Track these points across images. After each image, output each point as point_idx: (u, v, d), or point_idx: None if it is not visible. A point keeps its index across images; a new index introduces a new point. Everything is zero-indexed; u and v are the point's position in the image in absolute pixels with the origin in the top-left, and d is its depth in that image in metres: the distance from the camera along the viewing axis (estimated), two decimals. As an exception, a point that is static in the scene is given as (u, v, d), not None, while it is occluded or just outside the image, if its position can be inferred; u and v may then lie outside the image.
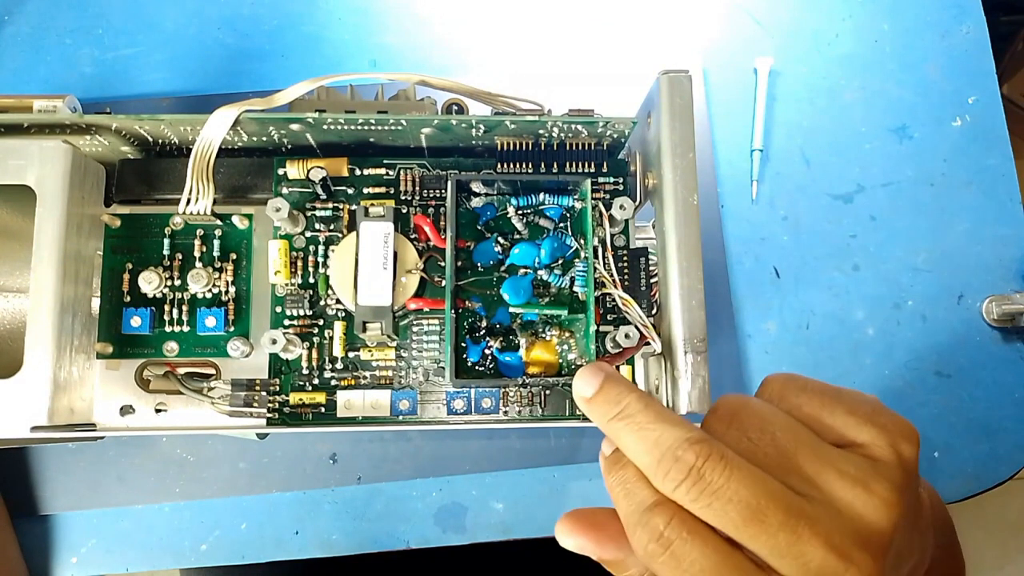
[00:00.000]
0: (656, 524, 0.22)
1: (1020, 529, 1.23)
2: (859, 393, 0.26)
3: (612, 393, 0.25)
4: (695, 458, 0.22)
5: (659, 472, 0.23)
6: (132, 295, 0.37)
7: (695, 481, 0.22)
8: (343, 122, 0.35)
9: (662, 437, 0.23)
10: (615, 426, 0.24)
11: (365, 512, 0.49)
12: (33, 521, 0.48)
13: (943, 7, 0.55)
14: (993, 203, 0.53)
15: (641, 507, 0.23)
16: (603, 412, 0.25)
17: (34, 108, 0.35)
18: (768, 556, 0.22)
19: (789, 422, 0.24)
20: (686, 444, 0.22)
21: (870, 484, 0.23)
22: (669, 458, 0.22)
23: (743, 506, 0.21)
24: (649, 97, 0.34)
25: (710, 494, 0.22)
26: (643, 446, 0.23)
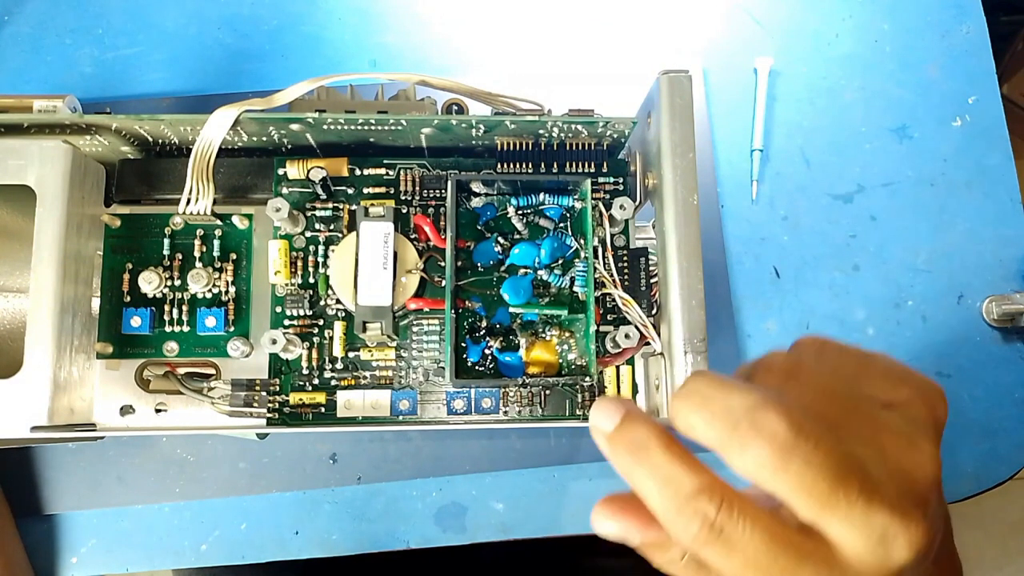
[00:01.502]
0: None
1: (1020, 529, 1.23)
2: (888, 356, 0.26)
3: (632, 431, 0.24)
4: (717, 504, 0.22)
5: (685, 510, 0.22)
6: (132, 295, 0.37)
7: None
8: (343, 122, 0.35)
9: (683, 481, 0.22)
10: (633, 465, 0.23)
11: (365, 512, 0.49)
12: (33, 521, 0.48)
13: (943, 7, 0.55)
14: (993, 203, 0.53)
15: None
16: (622, 449, 0.24)
17: (34, 108, 0.35)
18: (831, 526, 0.21)
19: (845, 384, 0.24)
20: (707, 490, 0.22)
21: (917, 441, 0.23)
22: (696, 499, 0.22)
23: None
24: (649, 97, 0.34)
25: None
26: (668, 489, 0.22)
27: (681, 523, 0.22)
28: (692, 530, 0.21)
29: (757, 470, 0.21)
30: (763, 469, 0.21)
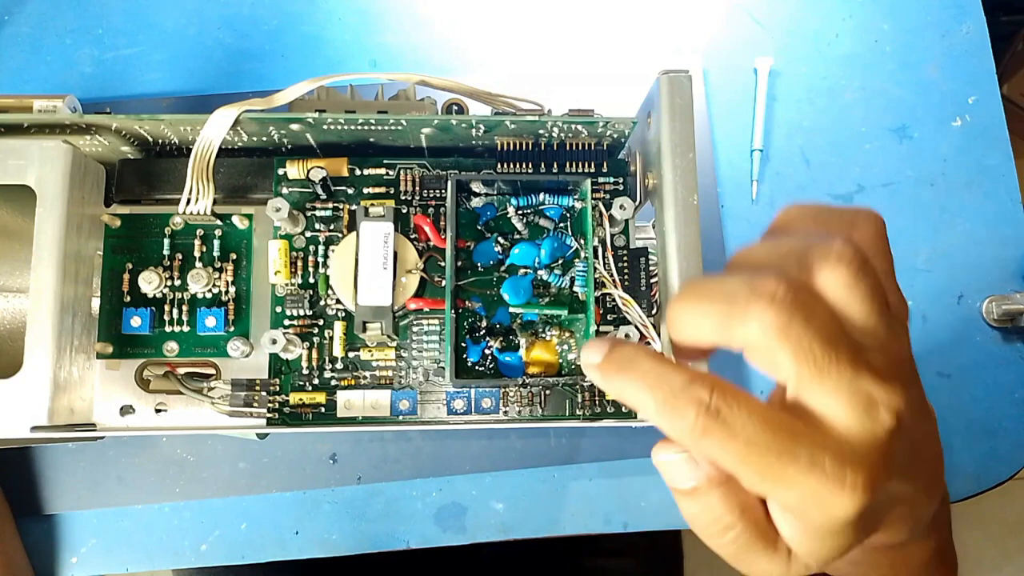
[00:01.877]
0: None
1: (1020, 529, 1.23)
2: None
3: (620, 351, 0.24)
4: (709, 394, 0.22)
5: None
6: (132, 295, 0.37)
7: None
8: (343, 122, 0.35)
9: (674, 377, 0.23)
10: (625, 381, 0.24)
11: (365, 512, 0.49)
12: (33, 521, 0.48)
13: (943, 7, 0.55)
14: (993, 203, 0.53)
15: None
16: (613, 369, 0.24)
17: (34, 108, 0.35)
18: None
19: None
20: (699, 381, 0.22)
21: (894, 326, 0.24)
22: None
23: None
24: (649, 97, 0.34)
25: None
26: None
27: (678, 415, 0.22)
28: (690, 418, 0.22)
29: (761, 335, 0.21)
30: (767, 332, 0.21)
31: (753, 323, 0.21)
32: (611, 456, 0.49)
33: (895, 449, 0.22)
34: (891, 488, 0.23)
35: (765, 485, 0.22)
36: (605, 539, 0.68)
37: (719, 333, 0.23)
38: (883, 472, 0.22)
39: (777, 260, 0.24)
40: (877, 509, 0.23)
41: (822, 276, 0.23)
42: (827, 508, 0.21)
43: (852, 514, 0.21)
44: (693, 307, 0.23)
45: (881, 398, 0.22)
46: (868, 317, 0.23)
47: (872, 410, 0.22)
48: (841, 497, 0.21)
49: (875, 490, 0.21)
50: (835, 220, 0.26)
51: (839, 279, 0.22)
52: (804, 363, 0.21)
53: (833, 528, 0.22)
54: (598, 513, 0.49)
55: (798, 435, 0.21)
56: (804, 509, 0.22)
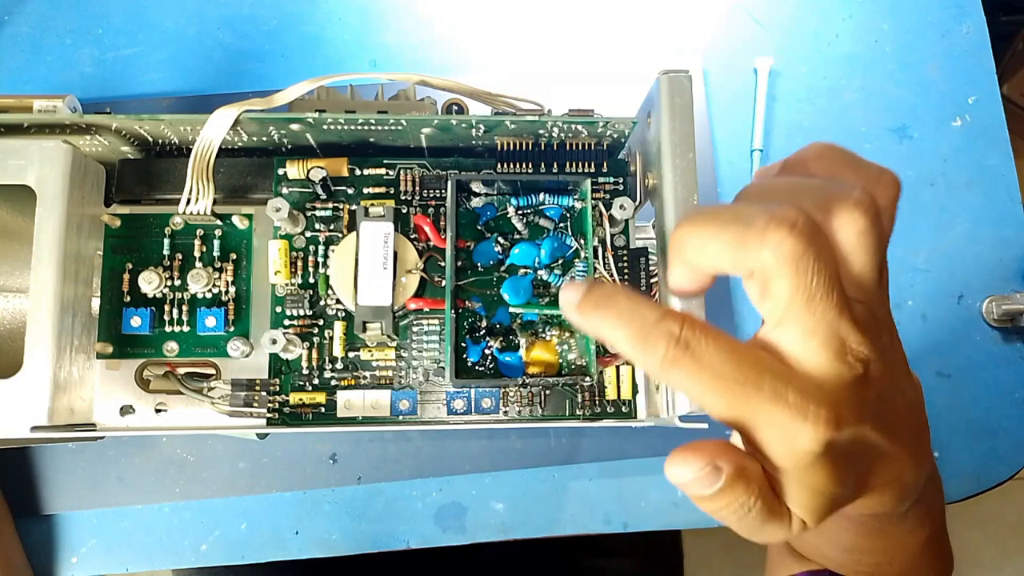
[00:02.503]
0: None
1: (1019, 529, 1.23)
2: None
3: (597, 289, 0.25)
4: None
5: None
6: (132, 295, 0.37)
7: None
8: (343, 122, 0.35)
9: (647, 312, 0.23)
10: (602, 318, 0.24)
11: (365, 512, 0.49)
12: (33, 521, 0.48)
13: (943, 7, 0.55)
14: (993, 203, 0.53)
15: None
16: (589, 307, 0.24)
17: (34, 108, 0.35)
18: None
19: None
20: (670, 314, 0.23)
21: (884, 298, 0.25)
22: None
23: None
24: (649, 97, 0.34)
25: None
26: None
27: (650, 347, 0.22)
28: (660, 350, 0.22)
29: (774, 260, 0.22)
30: (781, 258, 0.21)
31: (768, 248, 0.22)
32: (611, 456, 0.49)
33: (864, 397, 0.22)
34: (863, 436, 0.23)
35: (731, 415, 0.22)
36: (605, 539, 0.68)
37: (728, 255, 0.23)
38: (849, 413, 0.22)
39: (793, 196, 0.24)
40: (853, 458, 0.23)
41: (839, 218, 0.23)
42: (792, 440, 0.22)
43: (816, 447, 0.22)
44: (704, 229, 0.23)
45: (853, 346, 0.22)
46: (867, 268, 0.23)
47: (842, 354, 0.22)
48: (804, 427, 0.21)
49: (839, 427, 0.22)
50: (861, 171, 0.26)
51: (854, 225, 0.23)
52: (800, 295, 0.22)
53: (803, 464, 0.22)
54: (598, 513, 0.49)
55: (764, 368, 0.22)
56: (771, 443, 0.22)
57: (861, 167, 0.26)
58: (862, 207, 0.23)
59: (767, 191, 0.25)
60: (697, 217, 0.24)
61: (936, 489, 0.33)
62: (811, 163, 0.26)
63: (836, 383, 0.22)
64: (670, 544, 0.72)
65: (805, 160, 0.26)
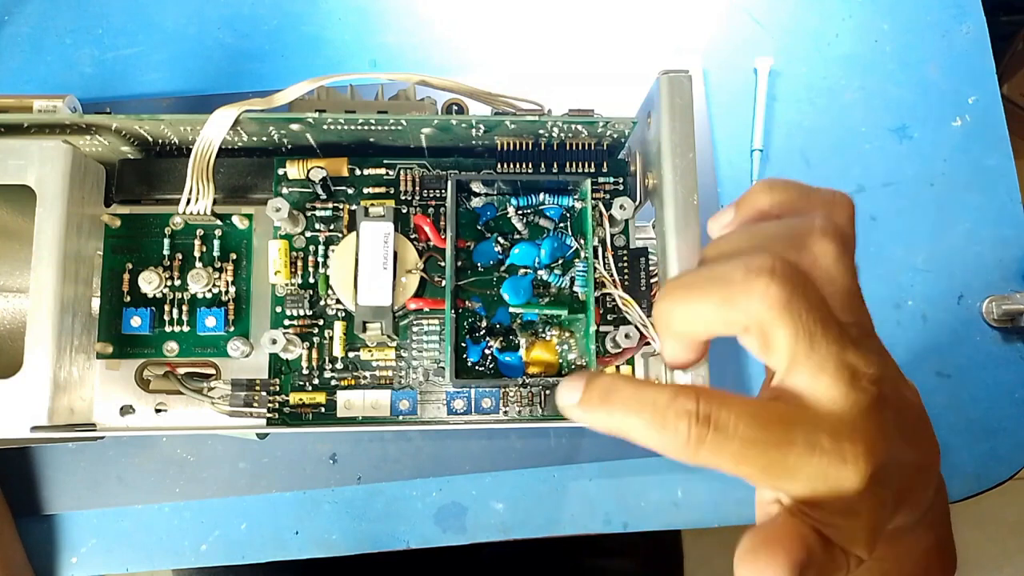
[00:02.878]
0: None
1: (1020, 529, 1.23)
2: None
3: (598, 383, 0.24)
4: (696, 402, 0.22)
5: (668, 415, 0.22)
6: (132, 295, 0.37)
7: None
8: (343, 122, 0.35)
9: (657, 396, 0.23)
10: (609, 413, 0.23)
11: (365, 512, 0.49)
12: (33, 521, 0.48)
13: (943, 7, 0.55)
14: (993, 203, 0.53)
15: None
16: (595, 403, 0.24)
17: (34, 108, 0.35)
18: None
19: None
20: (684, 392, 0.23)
21: (867, 311, 0.25)
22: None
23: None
24: (649, 97, 0.34)
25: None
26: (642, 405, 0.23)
27: (671, 431, 0.22)
28: (683, 431, 0.21)
29: (765, 312, 0.21)
30: (771, 307, 0.21)
31: (755, 299, 0.21)
32: (611, 456, 0.49)
33: (884, 417, 0.22)
34: (894, 455, 0.23)
35: (771, 479, 0.22)
36: (605, 539, 0.68)
37: (718, 317, 0.23)
38: (879, 440, 0.22)
39: (759, 243, 0.24)
40: (888, 480, 0.23)
41: (813, 252, 0.23)
42: (836, 486, 0.21)
43: (860, 485, 0.21)
44: (685, 298, 0.23)
45: (862, 369, 0.22)
46: (850, 289, 0.23)
47: (856, 382, 0.22)
48: (845, 470, 0.21)
49: (876, 458, 0.21)
50: (815, 199, 0.26)
51: (827, 253, 0.23)
52: (801, 338, 0.22)
53: (852, 503, 0.22)
54: (598, 513, 0.49)
55: (790, 422, 0.22)
56: (817, 496, 0.22)
57: (814, 195, 0.26)
58: (830, 234, 0.23)
59: (731, 245, 0.25)
60: (675, 289, 0.24)
61: (942, 492, 0.33)
62: (761, 202, 0.26)
63: (858, 413, 0.22)
64: (670, 544, 0.72)
65: (755, 202, 0.26)
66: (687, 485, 0.50)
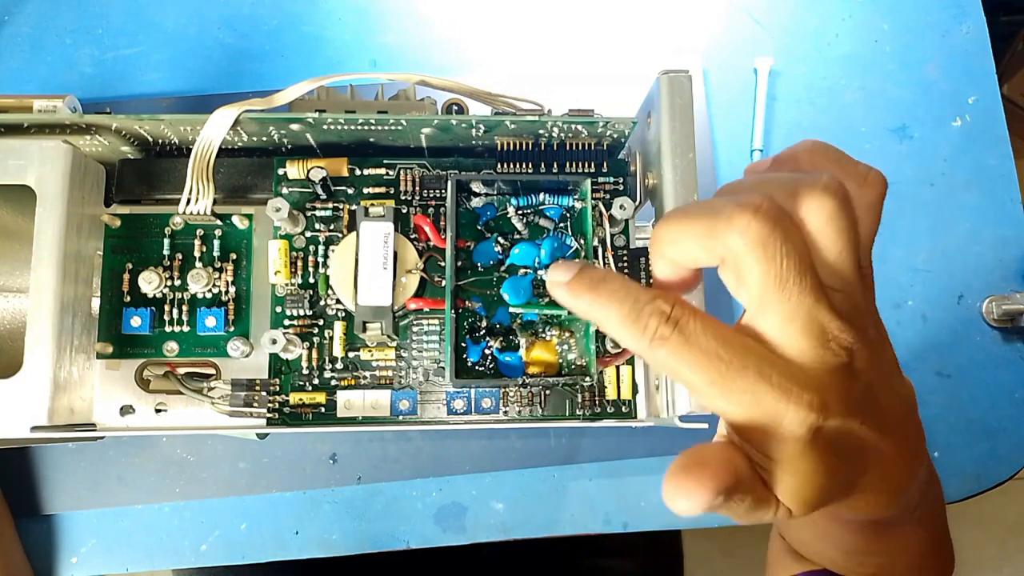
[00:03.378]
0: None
1: (1019, 529, 1.23)
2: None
3: (590, 271, 0.25)
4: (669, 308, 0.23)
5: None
6: (132, 295, 0.37)
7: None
8: (343, 122, 0.35)
9: (640, 294, 0.24)
10: (593, 299, 0.24)
11: (365, 512, 0.49)
12: (33, 521, 0.48)
13: (943, 7, 0.55)
14: (993, 203, 0.53)
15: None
16: (583, 287, 0.25)
17: (34, 108, 0.35)
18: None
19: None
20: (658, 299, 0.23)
21: (869, 297, 0.25)
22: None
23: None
24: (649, 97, 0.34)
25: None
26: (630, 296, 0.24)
27: (640, 326, 0.23)
28: (651, 328, 0.22)
29: (743, 246, 0.22)
30: (747, 241, 0.22)
31: (735, 232, 0.22)
32: (611, 456, 0.49)
33: (850, 387, 0.23)
34: (852, 429, 0.23)
35: (714, 395, 0.22)
36: (605, 539, 0.68)
37: (701, 246, 0.23)
38: (835, 402, 0.22)
39: (764, 187, 0.24)
40: (841, 452, 0.23)
41: (806, 204, 0.23)
42: (778, 422, 0.22)
43: (801, 430, 0.22)
44: (677, 223, 0.24)
45: (834, 333, 0.22)
46: (840, 255, 0.23)
47: (823, 340, 0.22)
48: (788, 408, 0.22)
49: (825, 413, 0.22)
50: (847, 167, 0.26)
51: (822, 209, 0.23)
52: (771, 278, 0.22)
53: (788, 448, 0.22)
54: (598, 513, 0.49)
55: (750, 350, 0.22)
56: (754, 423, 0.22)
57: (847, 164, 0.26)
58: (829, 191, 0.23)
59: (739, 185, 0.25)
60: (672, 212, 0.24)
61: (936, 490, 0.33)
62: (799, 158, 0.26)
63: (820, 369, 0.22)
64: (670, 544, 0.72)
65: (795, 155, 0.27)
66: (687, 485, 0.50)
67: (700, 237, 0.23)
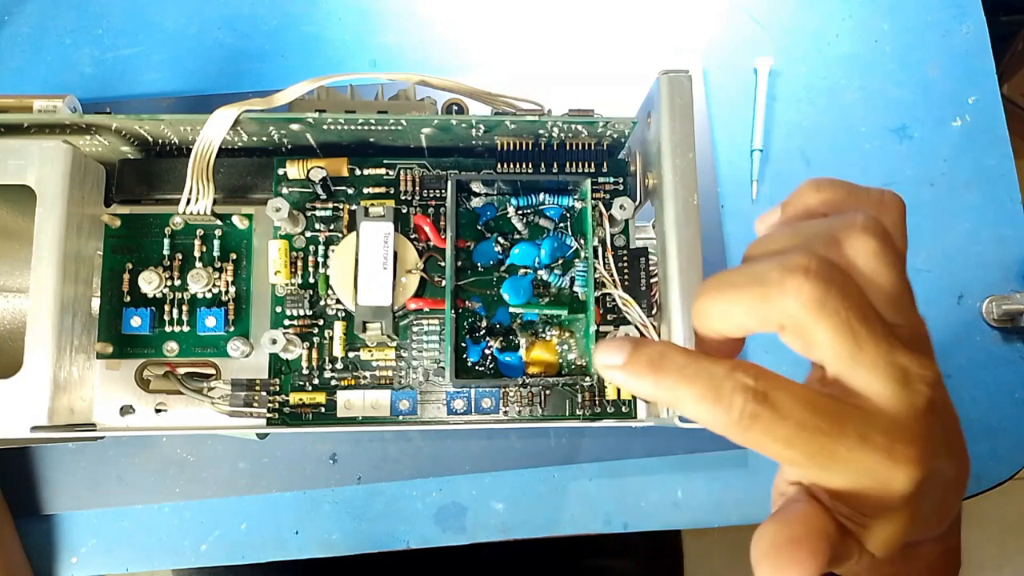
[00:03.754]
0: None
1: (1019, 529, 1.23)
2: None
3: (648, 349, 0.23)
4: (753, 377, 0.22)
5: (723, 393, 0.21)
6: (132, 295, 0.37)
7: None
8: (343, 122, 0.35)
9: (714, 368, 0.22)
10: (659, 380, 0.23)
11: (365, 512, 0.49)
12: (33, 521, 0.48)
13: (943, 7, 0.55)
14: (993, 203, 0.53)
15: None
16: (643, 368, 0.23)
17: (34, 108, 0.35)
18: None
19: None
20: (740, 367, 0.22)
21: (920, 316, 0.24)
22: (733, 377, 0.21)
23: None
24: (649, 97, 0.34)
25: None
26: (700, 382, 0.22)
27: (724, 405, 0.21)
28: (737, 406, 0.21)
29: (800, 310, 0.21)
30: (805, 306, 0.21)
31: (790, 299, 0.21)
32: (611, 456, 0.49)
33: (935, 426, 0.22)
34: (939, 466, 0.22)
35: (816, 468, 0.21)
36: (605, 539, 0.68)
37: (754, 317, 0.22)
38: (929, 448, 0.21)
39: (800, 241, 0.23)
40: (929, 492, 0.22)
41: (850, 247, 0.22)
42: (884, 484, 0.21)
43: (909, 488, 0.21)
44: (722, 296, 0.23)
45: (915, 371, 0.21)
46: (895, 288, 0.23)
47: (909, 383, 0.21)
48: (895, 471, 0.21)
49: (925, 465, 0.21)
50: (862, 197, 0.25)
51: (868, 248, 0.22)
52: (844, 337, 0.21)
53: (892, 506, 0.22)
54: (598, 513, 0.49)
55: (843, 413, 0.21)
56: (858, 492, 0.21)
57: (861, 193, 0.25)
58: (870, 230, 0.22)
59: (773, 243, 0.24)
60: (714, 286, 0.23)
61: None
62: (809, 201, 0.26)
63: (911, 415, 0.21)
64: (670, 544, 0.72)
65: (803, 200, 0.26)
66: (687, 485, 0.50)
67: (752, 309, 0.22)
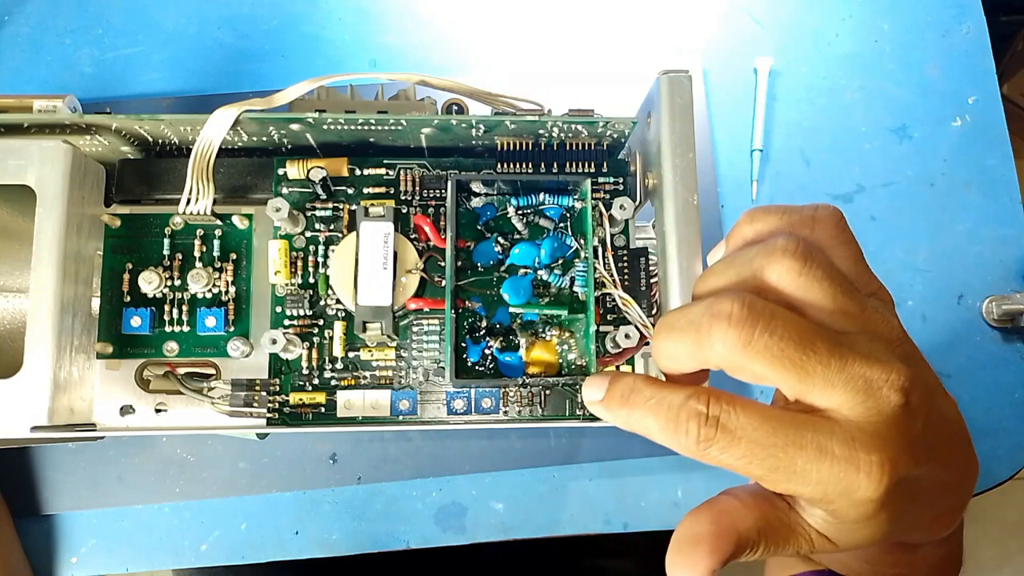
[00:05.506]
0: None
1: (1019, 529, 1.23)
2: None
3: (620, 384, 0.25)
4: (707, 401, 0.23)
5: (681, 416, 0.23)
6: (132, 295, 0.37)
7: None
8: (343, 122, 0.35)
9: (672, 398, 0.23)
10: (629, 412, 0.25)
11: (365, 512, 0.49)
12: (33, 521, 0.48)
13: (943, 7, 0.55)
14: (993, 203, 0.53)
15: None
16: (616, 403, 0.25)
17: (34, 108, 0.35)
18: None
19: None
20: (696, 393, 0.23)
21: (880, 308, 0.24)
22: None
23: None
24: (649, 97, 0.34)
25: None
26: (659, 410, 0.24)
27: (681, 431, 0.22)
28: (693, 432, 0.22)
29: (729, 354, 0.22)
30: (733, 351, 0.22)
31: (718, 345, 0.22)
32: (611, 456, 0.49)
33: (910, 430, 0.22)
34: (920, 475, 0.22)
35: (781, 482, 0.22)
36: (605, 539, 0.68)
37: (695, 360, 0.23)
38: (901, 452, 0.21)
39: (731, 276, 0.24)
40: (910, 496, 0.22)
41: (772, 272, 0.23)
42: (848, 491, 0.21)
43: (876, 493, 0.21)
44: (666, 340, 0.24)
45: (879, 378, 0.22)
46: (833, 300, 0.23)
47: (873, 391, 0.21)
48: (858, 478, 0.21)
49: (896, 470, 0.21)
50: (793, 217, 0.26)
51: (790, 269, 0.23)
52: (783, 368, 0.22)
53: (864, 511, 0.22)
54: (598, 513, 0.49)
55: (801, 426, 0.21)
56: (827, 496, 0.22)
57: (794, 214, 0.26)
58: (789, 252, 0.23)
59: (713, 279, 0.26)
60: (661, 327, 0.25)
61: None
62: (746, 234, 0.26)
63: (880, 421, 0.21)
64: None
65: (740, 233, 0.27)
66: (687, 485, 0.50)
67: (691, 353, 0.23)
